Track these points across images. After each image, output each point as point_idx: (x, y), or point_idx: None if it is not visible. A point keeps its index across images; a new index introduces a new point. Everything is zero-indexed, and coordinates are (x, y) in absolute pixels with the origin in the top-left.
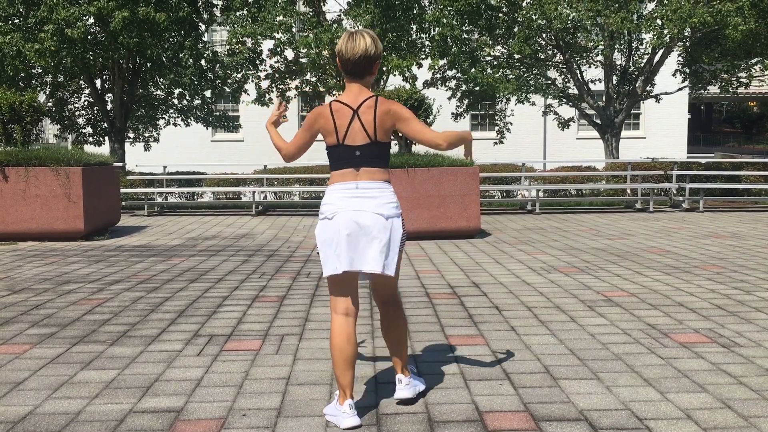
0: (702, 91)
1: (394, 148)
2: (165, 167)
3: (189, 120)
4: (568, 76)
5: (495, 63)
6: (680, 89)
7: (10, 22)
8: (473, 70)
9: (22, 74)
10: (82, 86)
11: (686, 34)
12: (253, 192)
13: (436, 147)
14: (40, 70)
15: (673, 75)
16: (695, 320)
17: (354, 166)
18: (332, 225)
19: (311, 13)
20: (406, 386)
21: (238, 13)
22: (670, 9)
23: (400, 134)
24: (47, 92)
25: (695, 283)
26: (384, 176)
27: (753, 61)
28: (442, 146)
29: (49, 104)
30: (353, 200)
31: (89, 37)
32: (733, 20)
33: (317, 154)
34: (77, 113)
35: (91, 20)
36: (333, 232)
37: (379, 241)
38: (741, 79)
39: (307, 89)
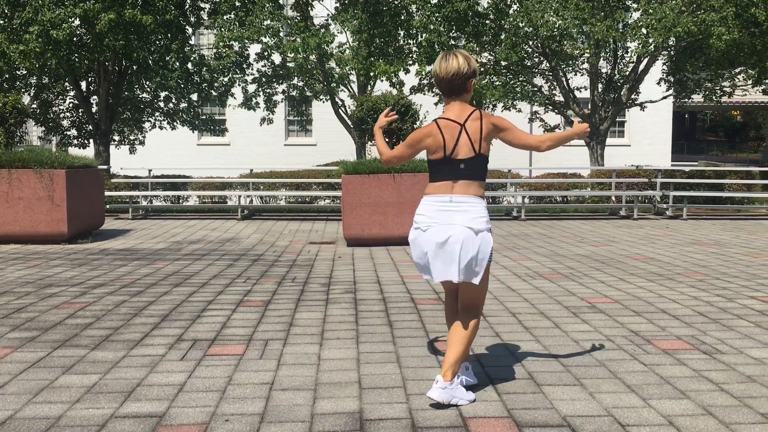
0: (686, 100)
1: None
2: (150, 170)
3: (175, 123)
4: (554, 83)
5: (482, 70)
6: (664, 98)
7: None
8: None
9: (7, 76)
10: (67, 88)
11: (671, 43)
12: (239, 196)
13: (537, 149)
14: (25, 72)
15: (658, 83)
16: (678, 327)
17: (454, 179)
18: (425, 237)
19: (299, 18)
20: (438, 388)
21: (225, 17)
22: (654, 18)
23: (386, 140)
24: (32, 94)
25: (678, 290)
26: (478, 191)
27: (736, 70)
28: (542, 148)
29: (34, 106)
30: (446, 213)
31: (75, 39)
32: (716, 30)
33: (303, 159)
34: (62, 115)
35: (77, 22)
36: (424, 244)
37: (465, 254)
38: (724, 88)
39: (293, 94)
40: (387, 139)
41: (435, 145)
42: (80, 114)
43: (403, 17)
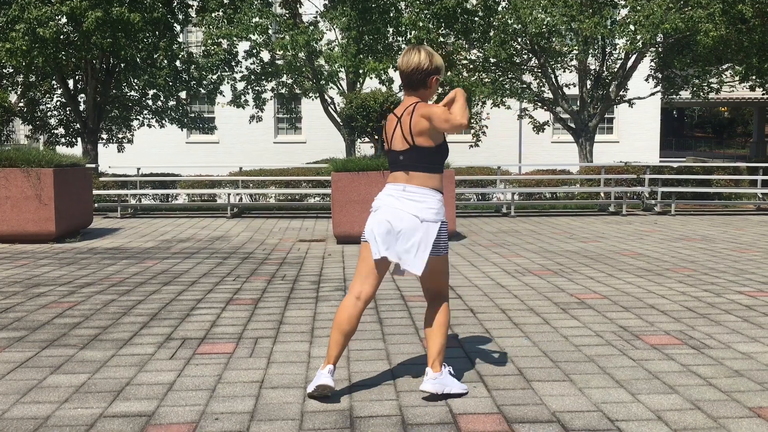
0: (674, 97)
1: (370, 150)
2: (139, 169)
3: (164, 121)
4: (543, 80)
5: (471, 67)
6: (653, 94)
7: None
8: (449, 73)
9: None
10: (55, 86)
11: (658, 39)
12: (229, 194)
13: (461, 127)
14: (11, 70)
15: (646, 80)
16: (666, 322)
17: (398, 169)
18: (375, 216)
19: (287, 15)
20: (429, 380)
21: (213, 15)
22: (642, 15)
23: (376, 137)
24: (18, 92)
25: (666, 286)
26: (432, 183)
27: (724, 67)
28: (465, 125)
29: (21, 104)
30: (398, 200)
31: (62, 36)
32: (704, 26)
33: (293, 156)
34: (49, 114)
35: (64, 20)
36: (374, 223)
37: (407, 240)
38: (712, 85)
39: (283, 91)
40: (376, 137)
41: (385, 136)
42: (68, 112)
43: (392, 14)
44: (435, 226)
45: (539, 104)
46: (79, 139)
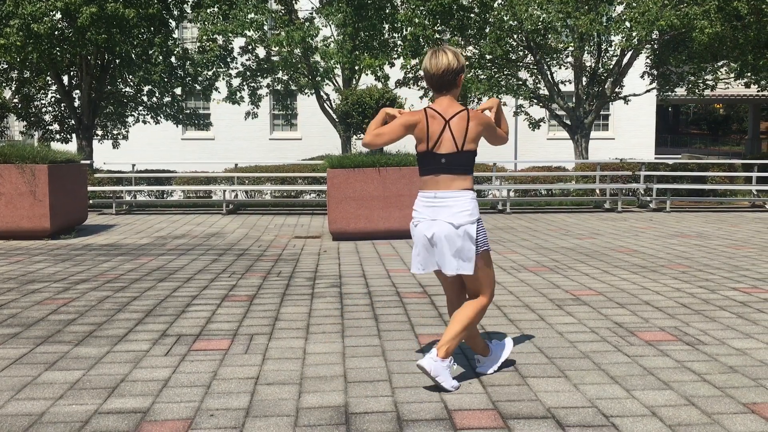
0: (669, 93)
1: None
2: (134, 165)
3: (159, 117)
4: (539, 77)
5: (466, 63)
6: (648, 91)
7: None
8: None
9: None
10: (49, 82)
11: (654, 36)
12: (224, 190)
13: (505, 141)
14: (6, 66)
15: (641, 77)
16: (661, 318)
17: (437, 173)
18: (416, 231)
19: (283, 11)
20: (429, 357)
21: (209, 10)
22: (638, 12)
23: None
24: (13, 88)
25: (661, 282)
26: (464, 184)
27: (719, 63)
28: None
29: (15, 100)
30: (431, 209)
31: (56, 32)
32: (699, 23)
33: (288, 153)
34: (44, 110)
35: (58, 15)
36: (416, 238)
37: (450, 248)
38: (707, 82)
39: (278, 88)
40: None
41: (420, 134)
42: (62, 108)
43: (387, 11)
44: (473, 227)
45: (535, 101)
46: (73, 135)
